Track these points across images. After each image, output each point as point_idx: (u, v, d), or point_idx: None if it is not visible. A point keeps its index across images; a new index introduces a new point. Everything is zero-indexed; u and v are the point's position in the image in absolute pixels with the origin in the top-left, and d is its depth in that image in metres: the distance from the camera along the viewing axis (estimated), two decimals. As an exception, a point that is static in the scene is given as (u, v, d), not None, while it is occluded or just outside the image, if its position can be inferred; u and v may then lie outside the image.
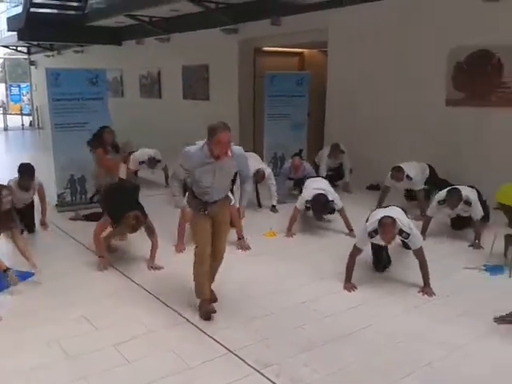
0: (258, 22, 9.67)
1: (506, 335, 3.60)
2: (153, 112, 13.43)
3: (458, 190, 5.38)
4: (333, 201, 5.83)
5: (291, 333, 3.65)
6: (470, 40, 6.86)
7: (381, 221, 4.20)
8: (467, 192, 5.42)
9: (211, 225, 3.85)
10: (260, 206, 7.21)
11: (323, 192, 5.82)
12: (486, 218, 5.65)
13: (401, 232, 4.26)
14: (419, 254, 4.33)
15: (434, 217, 5.66)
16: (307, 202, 5.85)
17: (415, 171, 6.51)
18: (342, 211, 5.91)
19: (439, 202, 5.52)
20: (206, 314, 3.82)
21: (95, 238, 4.95)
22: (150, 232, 4.90)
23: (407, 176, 6.39)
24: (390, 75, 7.93)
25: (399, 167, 6.39)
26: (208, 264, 3.86)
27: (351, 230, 5.82)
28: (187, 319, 3.85)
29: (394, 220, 4.19)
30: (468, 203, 5.39)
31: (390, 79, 7.94)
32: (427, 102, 7.40)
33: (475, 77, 6.98)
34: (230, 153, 3.64)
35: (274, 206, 6.97)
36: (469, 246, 5.48)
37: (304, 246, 5.63)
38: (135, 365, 3.27)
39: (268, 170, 6.93)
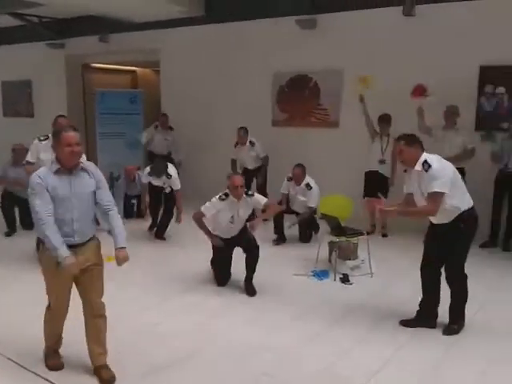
0: (86, 38, 9.31)
1: (337, 336, 3.95)
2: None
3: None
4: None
5: (136, 359, 3.51)
6: (290, 65, 7.51)
7: (229, 177, 4.73)
8: (310, 179, 6.23)
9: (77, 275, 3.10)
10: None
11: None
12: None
13: (246, 192, 4.77)
14: (267, 204, 4.93)
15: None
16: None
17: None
18: (178, 192, 6.18)
19: (287, 179, 6.31)
20: (56, 367, 3.33)
21: None
22: None
23: None
24: (221, 96, 8.26)
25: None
26: (64, 319, 3.29)
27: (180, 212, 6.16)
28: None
29: (241, 175, 4.86)
30: (309, 186, 6.11)
31: (221, 100, 8.26)
32: (256, 122, 7.84)
33: (296, 99, 7.65)
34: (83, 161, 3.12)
35: None
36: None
37: (142, 267, 5.51)
38: None
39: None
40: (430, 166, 3.59)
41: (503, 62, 6.01)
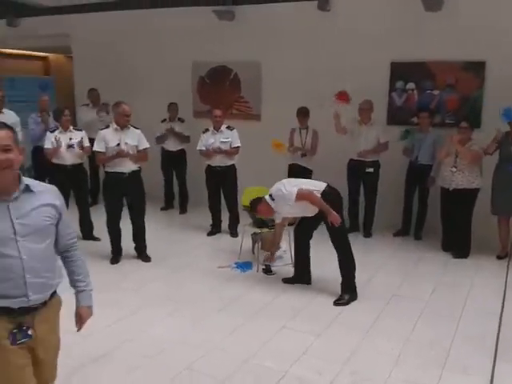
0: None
1: (259, 327, 3.99)
2: None
3: None
4: None
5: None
6: (208, 55, 7.45)
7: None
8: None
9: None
10: None
11: None
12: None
13: None
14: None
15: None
16: None
17: None
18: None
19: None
20: None
21: None
22: None
23: None
24: (136, 84, 8.00)
25: None
26: None
27: None
28: None
29: None
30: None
31: (137, 87, 7.98)
32: (179, 112, 7.64)
33: (217, 91, 7.60)
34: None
35: None
36: None
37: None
38: None
39: None
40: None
41: (412, 58, 6.33)
